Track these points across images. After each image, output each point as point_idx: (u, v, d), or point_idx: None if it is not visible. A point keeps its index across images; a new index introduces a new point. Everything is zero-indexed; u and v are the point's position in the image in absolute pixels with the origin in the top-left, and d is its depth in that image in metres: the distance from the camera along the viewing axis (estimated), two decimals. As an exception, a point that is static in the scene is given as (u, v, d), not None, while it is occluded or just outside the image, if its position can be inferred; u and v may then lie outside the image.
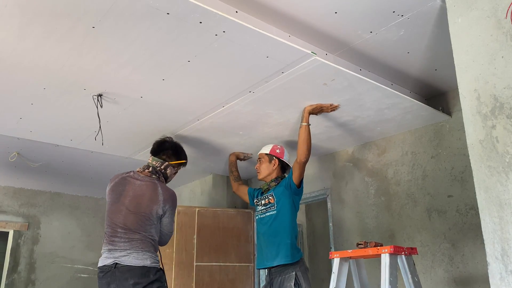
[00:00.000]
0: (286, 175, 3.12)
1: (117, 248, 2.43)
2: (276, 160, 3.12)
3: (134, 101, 2.80)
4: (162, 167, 2.71)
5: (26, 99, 2.75)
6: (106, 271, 2.41)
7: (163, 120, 3.12)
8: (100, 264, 2.46)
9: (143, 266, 2.40)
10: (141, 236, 2.47)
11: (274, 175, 3.11)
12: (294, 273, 2.75)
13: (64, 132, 3.31)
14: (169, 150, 2.78)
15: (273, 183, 3.07)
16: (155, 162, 2.71)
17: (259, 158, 3.18)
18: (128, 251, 2.42)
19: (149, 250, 2.47)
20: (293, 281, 2.71)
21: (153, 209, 2.53)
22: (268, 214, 2.99)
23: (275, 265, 2.85)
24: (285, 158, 3.14)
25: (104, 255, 2.47)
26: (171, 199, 2.62)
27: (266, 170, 3.11)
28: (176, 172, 2.84)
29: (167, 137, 2.92)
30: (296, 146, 2.91)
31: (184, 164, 2.90)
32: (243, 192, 3.39)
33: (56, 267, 5.30)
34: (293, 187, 2.94)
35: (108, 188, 2.69)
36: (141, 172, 2.68)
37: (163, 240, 2.69)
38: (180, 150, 2.86)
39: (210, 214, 4.19)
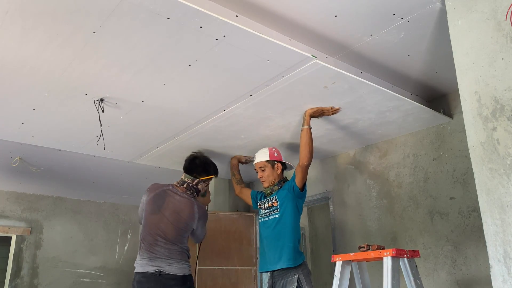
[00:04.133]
0: (287, 177, 3.13)
1: (158, 256, 2.72)
2: (279, 164, 3.12)
3: (135, 105, 2.80)
4: (194, 183, 3.00)
5: (28, 104, 2.77)
6: (149, 276, 2.68)
7: (164, 124, 3.12)
8: (141, 270, 2.71)
9: (184, 275, 2.73)
10: (178, 247, 2.79)
11: (277, 179, 3.11)
12: (296, 276, 2.74)
13: (66, 137, 3.31)
14: (198, 168, 3.02)
15: (276, 187, 3.07)
16: (187, 179, 2.99)
17: (260, 167, 3.12)
18: (169, 261, 2.72)
19: (186, 260, 2.81)
20: (296, 284, 2.70)
21: (189, 225, 2.87)
22: (271, 217, 2.99)
23: (277, 268, 2.84)
24: (283, 158, 3.16)
25: (143, 261, 2.73)
26: (204, 215, 2.99)
27: (271, 177, 3.08)
28: (208, 184, 3.13)
29: (196, 153, 3.12)
30: (298, 149, 2.91)
31: (215, 176, 3.15)
32: (246, 195, 3.39)
33: (58, 272, 5.29)
34: (296, 190, 2.94)
35: (146, 198, 2.93)
36: (178, 187, 2.96)
37: (196, 240, 3.06)
38: (208, 166, 3.09)
39: (212, 217, 4.17)
